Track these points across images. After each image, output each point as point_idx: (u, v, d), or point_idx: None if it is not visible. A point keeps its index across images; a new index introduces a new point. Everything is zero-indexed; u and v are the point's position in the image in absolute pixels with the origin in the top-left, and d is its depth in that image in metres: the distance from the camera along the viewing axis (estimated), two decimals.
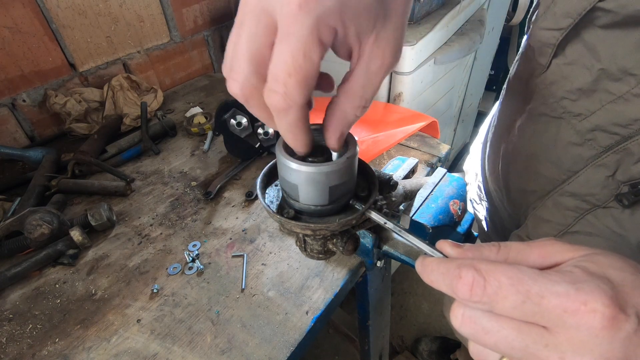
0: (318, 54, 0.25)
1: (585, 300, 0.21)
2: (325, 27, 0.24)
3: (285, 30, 0.24)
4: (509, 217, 0.74)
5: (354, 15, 0.25)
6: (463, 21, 1.38)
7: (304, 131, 0.29)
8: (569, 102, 0.52)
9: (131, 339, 0.58)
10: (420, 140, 0.98)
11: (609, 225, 0.53)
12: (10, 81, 0.96)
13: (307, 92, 0.26)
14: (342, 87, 0.29)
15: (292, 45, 0.24)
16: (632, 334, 0.21)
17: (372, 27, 0.26)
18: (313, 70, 0.25)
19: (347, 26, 0.25)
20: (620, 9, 0.42)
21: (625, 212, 0.51)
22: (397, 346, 1.68)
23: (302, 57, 0.24)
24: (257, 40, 0.25)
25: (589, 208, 0.55)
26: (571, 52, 0.51)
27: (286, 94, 0.25)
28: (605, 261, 0.24)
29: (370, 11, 0.25)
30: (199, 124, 1.04)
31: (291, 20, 0.24)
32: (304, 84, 0.25)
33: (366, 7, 0.25)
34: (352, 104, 0.29)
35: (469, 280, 0.24)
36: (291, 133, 0.29)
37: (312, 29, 0.24)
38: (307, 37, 0.24)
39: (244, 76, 0.27)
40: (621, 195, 0.50)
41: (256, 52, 0.26)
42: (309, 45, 0.24)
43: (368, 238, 0.58)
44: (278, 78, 0.25)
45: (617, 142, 0.49)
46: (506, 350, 0.24)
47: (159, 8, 1.19)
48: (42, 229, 0.68)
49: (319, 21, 0.24)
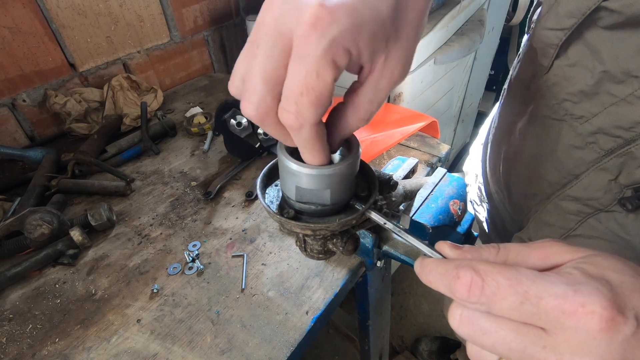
0: (331, 75, 0.25)
1: (583, 302, 0.21)
2: (340, 49, 0.24)
3: (299, 50, 0.25)
4: (510, 219, 0.73)
5: (368, 37, 0.25)
6: (463, 21, 1.38)
7: (319, 148, 0.30)
8: (571, 104, 0.52)
9: (131, 339, 0.58)
10: (420, 140, 0.98)
11: (612, 229, 0.52)
12: (10, 81, 0.96)
13: (321, 112, 0.26)
14: (349, 99, 0.29)
15: (305, 65, 0.24)
16: (630, 337, 0.21)
17: (385, 47, 0.27)
18: (326, 90, 0.25)
19: (360, 48, 0.25)
20: (626, 8, 0.42)
21: (628, 216, 0.50)
22: (397, 346, 1.68)
23: (314, 77, 0.24)
24: (273, 61, 0.26)
25: (591, 212, 0.54)
26: (573, 53, 0.50)
27: (298, 113, 0.26)
28: (604, 263, 0.24)
29: (383, 32, 0.26)
30: (199, 124, 1.04)
31: (305, 40, 0.24)
32: (317, 104, 0.25)
33: (380, 29, 0.25)
34: (357, 116, 0.30)
35: (467, 280, 0.24)
36: (306, 149, 0.30)
37: (325, 50, 0.24)
38: (320, 58, 0.24)
39: (259, 97, 0.27)
40: (624, 199, 0.49)
41: (272, 72, 0.26)
42: (322, 66, 0.24)
43: (368, 238, 0.58)
44: (291, 97, 0.26)
45: (620, 146, 0.48)
46: (504, 352, 0.24)
47: (159, 8, 1.19)
48: (42, 229, 0.68)
49: (333, 43, 0.24)
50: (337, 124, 0.31)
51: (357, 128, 0.31)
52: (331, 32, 0.24)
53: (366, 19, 0.25)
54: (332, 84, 0.25)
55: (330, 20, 0.24)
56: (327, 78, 0.25)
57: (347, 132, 0.31)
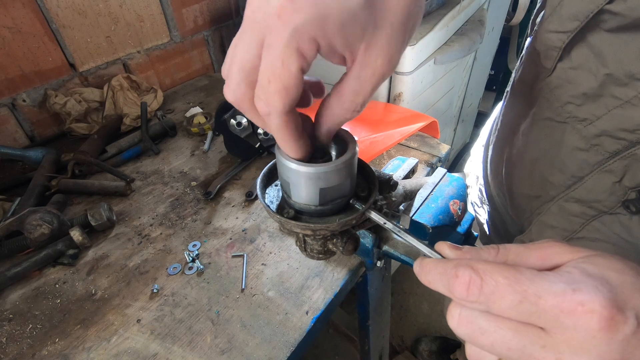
0: (296, 64, 0.25)
1: (583, 301, 0.21)
2: (305, 38, 0.25)
3: (267, 40, 0.25)
4: (512, 222, 0.73)
5: (338, 27, 0.25)
6: (463, 21, 1.37)
7: (292, 137, 0.30)
8: (574, 106, 0.52)
9: (131, 339, 0.58)
10: (420, 140, 0.98)
11: (616, 232, 0.52)
12: (10, 81, 0.96)
13: (288, 101, 0.27)
14: (334, 88, 0.30)
15: (271, 54, 0.25)
16: (630, 336, 0.21)
17: (361, 36, 0.26)
18: (292, 79, 0.26)
19: (330, 37, 0.25)
20: (629, 11, 0.42)
21: (633, 219, 0.50)
22: (397, 346, 1.68)
23: (280, 66, 0.25)
24: (249, 50, 0.27)
25: (595, 214, 0.54)
26: (577, 56, 0.50)
27: (266, 101, 0.27)
28: (604, 263, 0.24)
29: (356, 21, 0.25)
30: (199, 124, 1.04)
31: (271, 30, 0.25)
32: (284, 92, 0.26)
33: (351, 18, 0.25)
34: (342, 106, 0.29)
35: (466, 279, 0.24)
36: (278, 138, 0.30)
37: (289, 39, 0.24)
38: (285, 46, 0.25)
39: (235, 83, 0.28)
40: (628, 201, 0.49)
41: (247, 61, 0.27)
42: (287, 54, 0.25)
43: (368, 238, 0.58)
44: (260, 86, 0.27)
45: (625, 148, 0.48)
46: (503, 351, 0.24)
47: (159, 8, 1.19)
48: (42, 229, 0.68)
49: (297, 32, 0.24)
50: (324, 114, 0.31)
51: (344, 119, 0.31)
52: (294, 21, 0.24)
53: (332, 7, 0.24)
54: (298, 72, 0.25)
55: (292, 10, 0.24)
56: (292, 67, 0.25)
57: (333, 123, 0.31)
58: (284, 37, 0.24)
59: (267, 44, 0.25)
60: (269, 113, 0.27)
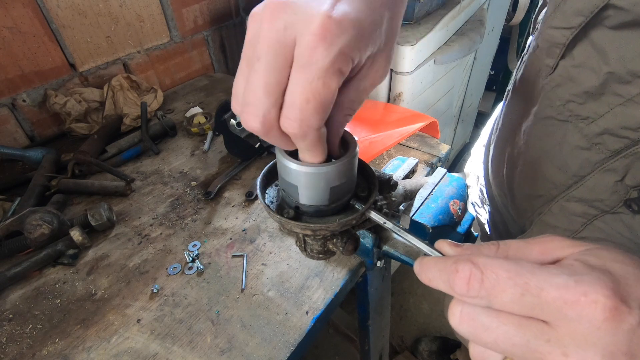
0: (337, 83, 0.26)
1: (585, 291, 0.21)
2: (347, 58, 0.26)
3: (305, 60, 0.25)
4: (513, 222, 0.73)
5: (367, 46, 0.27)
6: (463, 21, 1.37)
7: (321, 150, 0.31)
8: (576, 105, 0.51)
9: (131, 339, 0.58)
10: (420, 140, 0.98)
11: (618, 231, 0.52)
12: (10, 81, 0.96)
13: (324, 118, 0.27)
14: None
15: (312, 74, 0.25)
16: (635, 326, 0.20)
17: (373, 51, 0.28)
18: (331, 97, 0.26)
19: (362, 55, 0.27)
20: (633, 6, 0.41)
21: (635, 218, 0.50)
22: (397, 346, 1.68)
23: (321, 86, 0.25)
24: (276, 72, 0.26)
25: (597, 214, 0.53)
26: (579, 53, 0.50)
27: (303, 120, 0.27)
28: (606, 255, 0.23)
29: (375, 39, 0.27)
30: (199, 124, 1.04)
31: (312, 51, 0.25)
32: (321, 110, 0.26)
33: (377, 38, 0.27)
34: (341, 113, 0.31)
35: (466, 274, 0.24)
36: (309, 152, 0.31)
37: (333, 60, 0.25)
38: (329, 67, 0.25)
39: (265, 109, 0.27)
40: (630, 200, 0.49)
41: (275, 84, 0.26)
42: (329, 75, 0.25)
43: (368, 238, 0.58)
44: (295, 106, 0.26)
45: (627, 146, 0.47)
46: (507, 348, 0.23)
47: (159, 8, 1.19)
48: (42, 229, 0.68)
49: (340, 53, 0.25)
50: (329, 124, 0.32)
51: (344, 125, 0.33)
52: (339, 43, 0.25)
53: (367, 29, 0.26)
54: (336, 90, 0.26)
55: (338, 32, 0.25)
56: (333, 86, 0.26)
57: (338, 130, 0.32)
58: (328, 57, 0.25)
59: (304, 64, 0.25)
60: (306, 133, 0.27)
